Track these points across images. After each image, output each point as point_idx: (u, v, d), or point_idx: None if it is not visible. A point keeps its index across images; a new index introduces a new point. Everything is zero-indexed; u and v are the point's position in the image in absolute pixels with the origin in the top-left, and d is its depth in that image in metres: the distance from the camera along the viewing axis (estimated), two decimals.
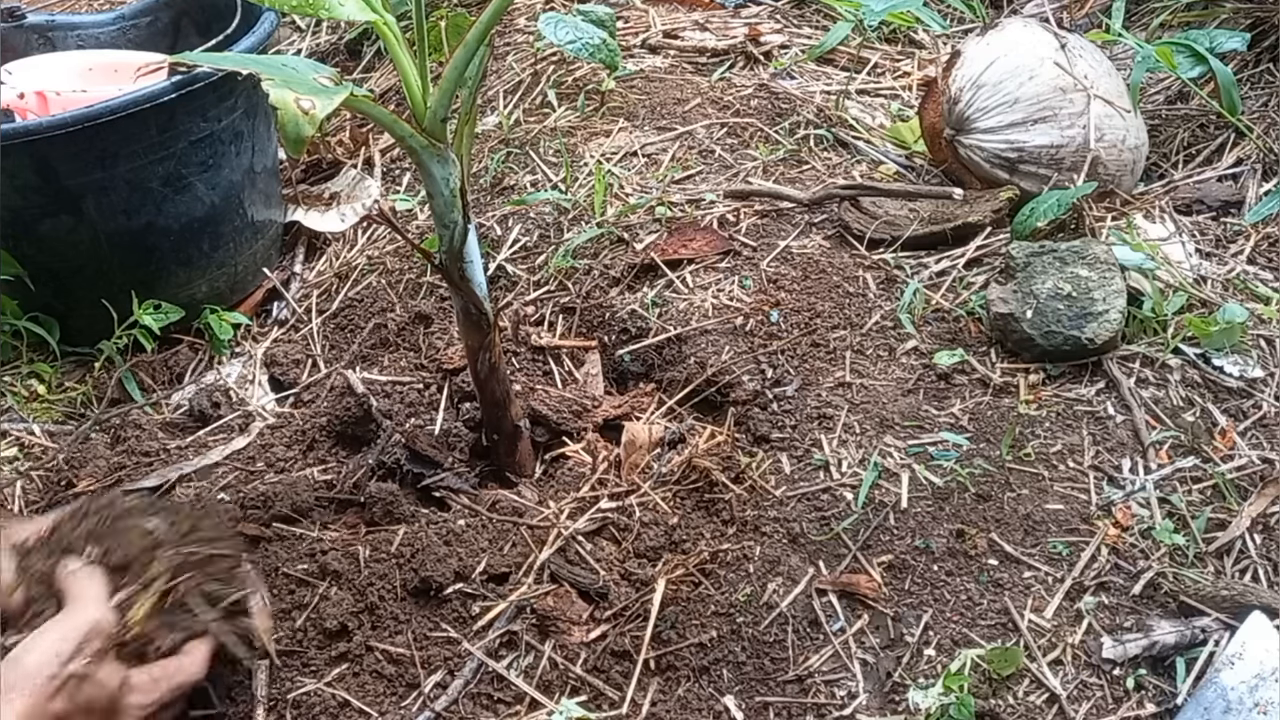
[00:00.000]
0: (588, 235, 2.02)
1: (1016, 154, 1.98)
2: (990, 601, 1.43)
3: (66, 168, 1.91)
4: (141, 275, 2.05)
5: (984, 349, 1.73)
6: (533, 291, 1.99)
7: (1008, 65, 1.99)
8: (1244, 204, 2.08)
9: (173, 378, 2.08)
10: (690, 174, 2.14)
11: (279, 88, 1.14)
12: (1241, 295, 1.81)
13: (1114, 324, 1.66)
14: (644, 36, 2.61)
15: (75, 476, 1.81)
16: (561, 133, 2.28)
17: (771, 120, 2.27)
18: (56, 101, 2.09)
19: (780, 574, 1.48)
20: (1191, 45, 2.15)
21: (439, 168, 1.43)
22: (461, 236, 1.49)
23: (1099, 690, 1.35)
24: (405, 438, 1.71)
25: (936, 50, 2.62)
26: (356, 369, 1.93)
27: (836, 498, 1.55)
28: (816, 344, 1.76)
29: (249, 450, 1.84)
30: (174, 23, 2.43)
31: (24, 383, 2.04)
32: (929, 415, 1.64)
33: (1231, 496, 1.51)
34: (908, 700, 1.36)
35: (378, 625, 1.49)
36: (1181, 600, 1.41)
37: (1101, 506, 1.51)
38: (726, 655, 1.43)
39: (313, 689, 1.44)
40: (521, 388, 1.77)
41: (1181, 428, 1.59)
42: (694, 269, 1.93)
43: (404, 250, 2.17)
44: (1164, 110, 2.35)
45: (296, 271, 2.29)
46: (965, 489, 1.54)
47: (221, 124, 2.03)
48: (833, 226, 1.99)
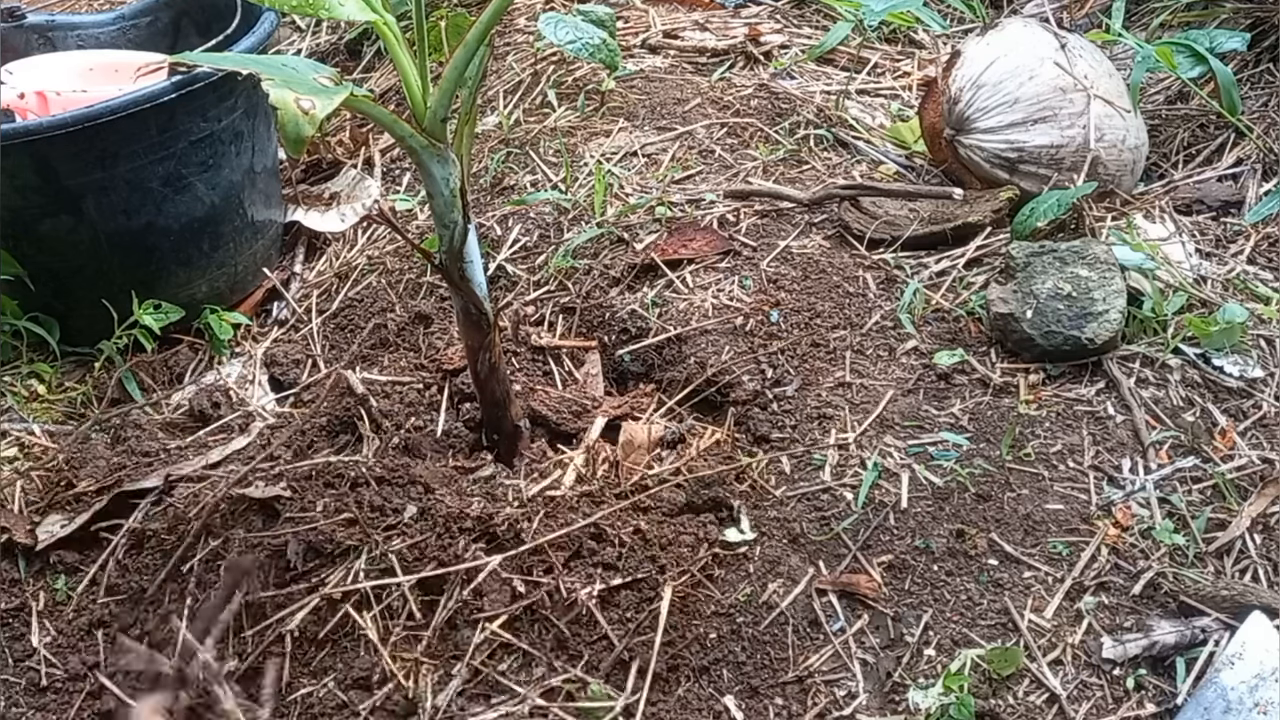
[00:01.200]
0: (588, 235, 2.02)
1: (1016, 154, 1.98)
2: (990, 601, 1.43)
3: (66, 168, 1.91)
4: (141, 275, 2.05)
5: (984, 349, 1.73)
6: (533, 291, 1.99)
7: (1008, 65, 1.99)
8: (1244, 204, 2.08)
9: (173, 378, 2.08)
10: (690, 174, 2.14)
11: (279, 88, 1.14)
12: (1241, 295, 1.81)
13: (1114, 324, 1.66)
14: (644, 36, 2.61)
15: (75, 476, 1.81)
16: (561, 133, 2.28)
17: (771, 120, 2.27)
18: (57, 101, 2.09)
19: (780, 574, 1.48)
20: (1191, 45, 2.15)
21: (439, 168, 1.43)
22: (461, 236, 1.49)
23: (1099, 690, 1.35)
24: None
25: (936, 50, 2.62)
26: (356, 369, 1.93)
27: (836, 498, 1.55)
28: (816, 344, 1.76)
29: (249, 450, 1.84)
30: (174, 23, 2.43)
31: (24, 383, 2.04)
32: (929, 415, 1.64)
33: (1231, 496, 1.51)
34: (908, 700, 1.36)
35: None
36: (1181, 600, 1.41)
37: (1101, 506, 1.51)
38: (726, 655, 1.43)
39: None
40: (521, 388, 1.77)
41: (1181, 428, 1.59)
42: (694, 269, 1.93)
43: (404, 250, 2.17)
44: (1164, 110, 2.35)
45: (296, 271, 2.29)
46: (965, 489, 1.54)
47: (221, 124, 2.03)
48: (833, 226, 1.99)
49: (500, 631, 1.46)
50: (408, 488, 1.63)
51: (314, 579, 1.57)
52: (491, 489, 1.64)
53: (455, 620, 1.49)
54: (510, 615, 1.48)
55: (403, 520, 1.58)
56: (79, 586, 1.73)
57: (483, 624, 1.47)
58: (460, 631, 1.48)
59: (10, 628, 1.70)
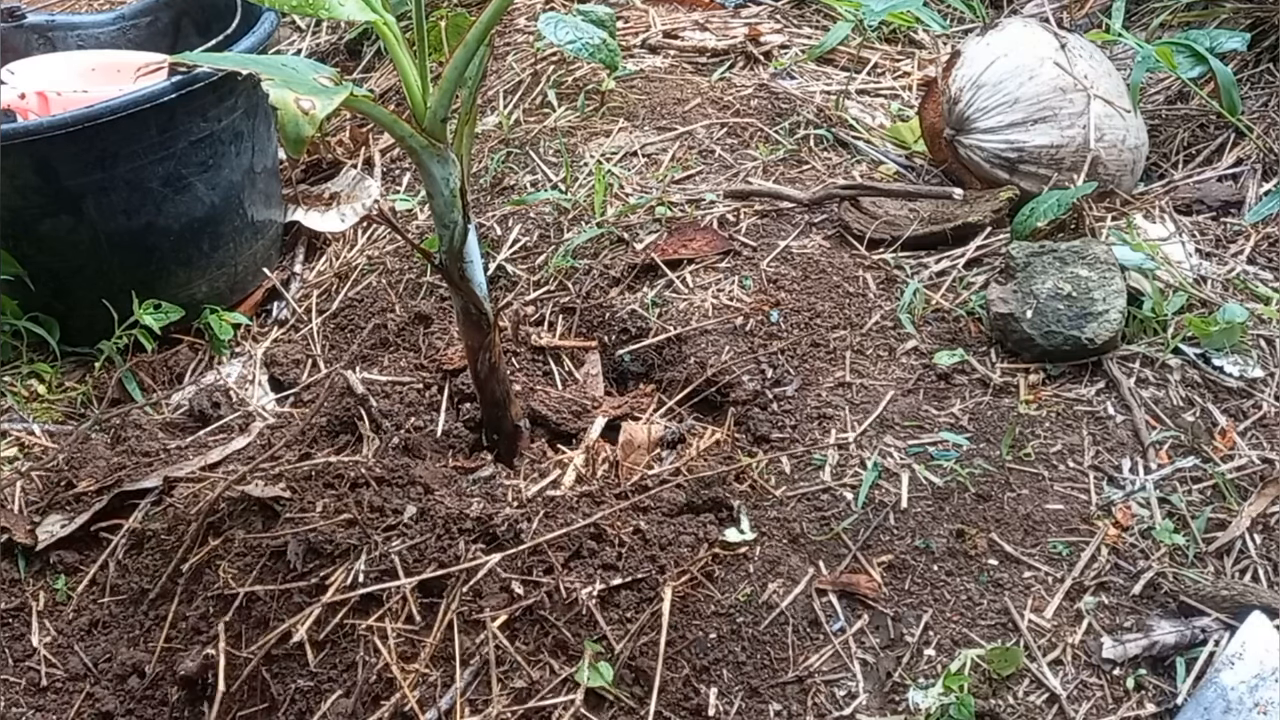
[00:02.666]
0: (588, 235, 2.02)
1: (1016, 154, 1.98)
2: (990, 601, 1.43)
3: (67, 168, 1.91)
4: (141, 275, 2.05)
5: (984, 349, 1.73)
6: (533, 291, 1.99)
7: (1008, 65, 1.99)
8: (1244, 204, 2.08)
9: (173, 378, 2.08)
10: (690, 174, 2.14)
11: (279, 88, 1.14)
12: (1241, 295, 1.81)
13: (1114, 324, 1.66)
14: (644, 36, 2.61)
15: (75, 476, 1.81)
16: (561, 133, 2.28)
17: (771, 120, 2.27)
18: (57, 102, 2.09)
19: (780, 574, 1.48)
20: (1191, 45, 2.15)
21: (439, 168, 1.43)
22: (461, 236, 1.49)
23: (1099, 690, 1.35)
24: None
25: (936, 50, 2.62)
26: (356, 369, 1.93)
27: (836, 498, 1.55)
28: (816, 344, 1.76)
29: (249, 450, 1.84)
30: (174, 23, 2.43)
31: (24, 383, 2.04)
32: (929, 415, 1.64)
33: (1231, 496, 1.51)
34: (908, 700, 1.36)
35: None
36: (1181, 600, 1.41)
37: (1101, 506, 1.51)
38: (726, 655, 1.42)
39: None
40: (521, 388, 1.77)
41: (1181, 428, 1.59)
42: (694, 269, 1.93)
43: (404, 250, 2.17)
44: (1164, 110, 2.35)
45: (296, 271, 2.29)
46: (965, 489, 1.54)
47: (221, 124, 2.03)
48: (833, 226, 1.99)
49: (499, 632, 1.46)
50: (407, 488, 1.63)
51: (313, 579, 1.57)
52: (491, 489, 1.64)
53: (456, 621, 1.49)
54: (510, 616, 1.48)
55: (402, 520, 1.58)
56: (79, 586, 1.73)
57: (484, 625, 1.47)
58: (461, 633, 1.48)
59: (10, 628, 1.70)
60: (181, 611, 1.65)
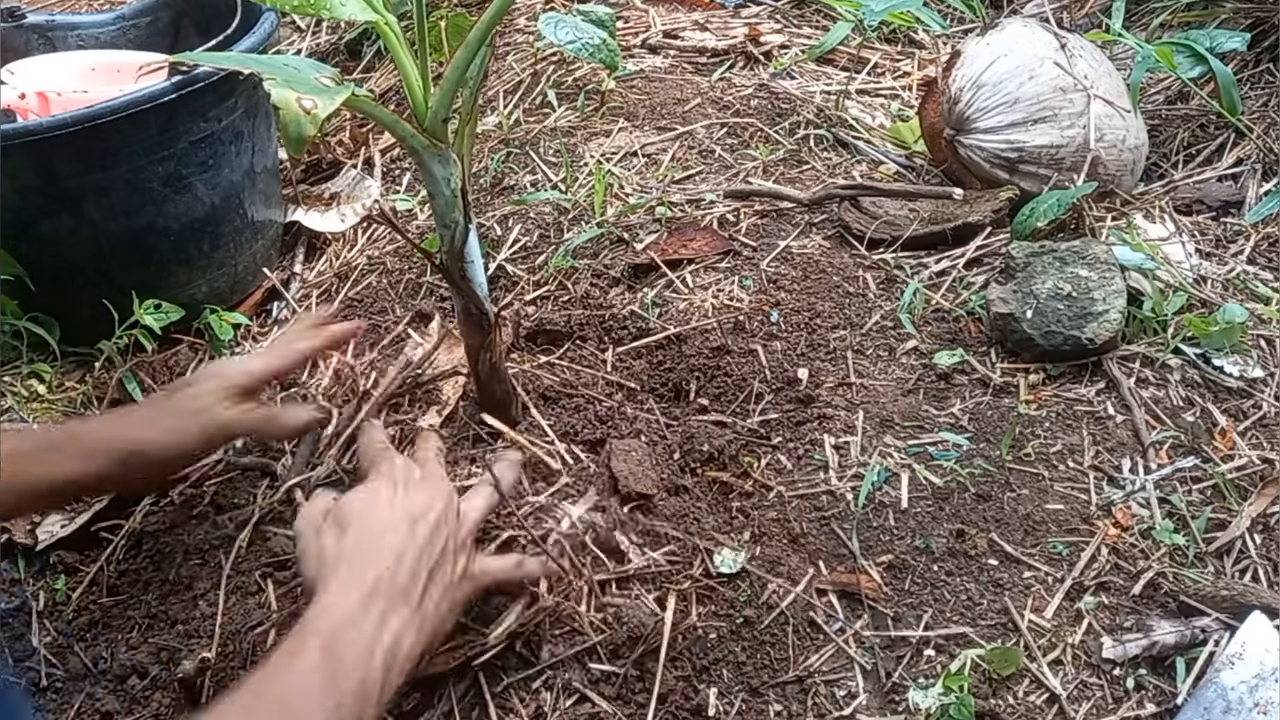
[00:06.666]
0: (588, 235, 2.02)
1: (1016, 154, 1.98)
2: (990, 601, 1.43)
3: (67, 168, 1.91)
4: (141, 275, 2.05)
5: (984, 349, 1.73)
6: (533, 291, 1.99)
7: (1008, 65, 1.99)
8: (1244, 204, 2.08)
9: (173, 378, 2.08)
10: (690, 174, 2.14)
11: (281, 87, 1.14)
12: (1241, 295, 1.81)
13: (1114, 324, 1.66)
14: (644, 36, 2.61)
15: None
16: (561, 133, 2.28)
17: (771, 120, 2.27)
18: (57, 102, 2.09)
19: (780, 574, 1.48)
20: (1191, 45, 2.15)
21: (440, 168, 1.43)
22: (463, 236, 1.49)
23: (1099, 690, 1.36)
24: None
25: (936, 50, 2.62)
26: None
27: (836, 498, 1.55)
28: (816, 344, 1.76)
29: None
30: (174, 23, 2.43)
31: (24, 383, 2.04)
32: (929, 415, 1.64)
33: (1231, 496, 1.51)
34: (908, 700, 1.36)
35: None
36: (1181, 600, 1.41)
37: (1101, 506, 1.51)
38: (726, 655, 1.42)
39: None
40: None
41: (1181, 428, 1.59)
42: (694, 269, 1.93)
43: (404, 250, 2.17)
44: (1164, 110, 2.35)
45: (296, 271, 2.29)
46: (965, 489, 1.54)
47: (222, 124, 2.03)
48: (833, 226, 1.99)
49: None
50: None
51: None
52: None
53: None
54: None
55: None
56: (79, 586, 1.73)
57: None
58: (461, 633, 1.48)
59: (10, 628, 1.70)
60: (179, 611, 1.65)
